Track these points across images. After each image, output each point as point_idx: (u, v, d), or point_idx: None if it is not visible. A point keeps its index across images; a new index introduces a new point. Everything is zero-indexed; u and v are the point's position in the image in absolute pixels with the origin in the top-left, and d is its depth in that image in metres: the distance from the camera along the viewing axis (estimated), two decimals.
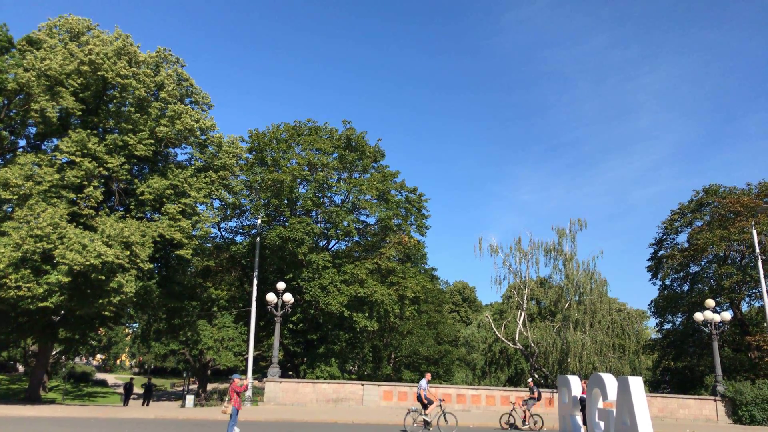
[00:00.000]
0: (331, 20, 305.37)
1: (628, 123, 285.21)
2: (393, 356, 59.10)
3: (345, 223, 39.33)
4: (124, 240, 25.38)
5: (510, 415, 22.92)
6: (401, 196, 42.33)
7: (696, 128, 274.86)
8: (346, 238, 43.47)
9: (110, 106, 30.27)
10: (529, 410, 22.77)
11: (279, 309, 31.45)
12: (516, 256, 46.24)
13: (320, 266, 36.87)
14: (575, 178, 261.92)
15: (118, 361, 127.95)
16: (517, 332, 46.35)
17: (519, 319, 46.47)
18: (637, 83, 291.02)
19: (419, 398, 20.86)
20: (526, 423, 22.50)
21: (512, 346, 48.77)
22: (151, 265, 29.18)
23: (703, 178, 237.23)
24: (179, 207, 29.35)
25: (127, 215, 29.76)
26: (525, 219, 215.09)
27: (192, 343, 41.38)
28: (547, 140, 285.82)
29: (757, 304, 45.31)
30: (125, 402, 39.87)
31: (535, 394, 23.31)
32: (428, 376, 21.99)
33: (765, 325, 35.55)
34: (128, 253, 25.52)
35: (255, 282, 35.51)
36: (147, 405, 37.42)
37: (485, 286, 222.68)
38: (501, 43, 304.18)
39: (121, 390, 67.61)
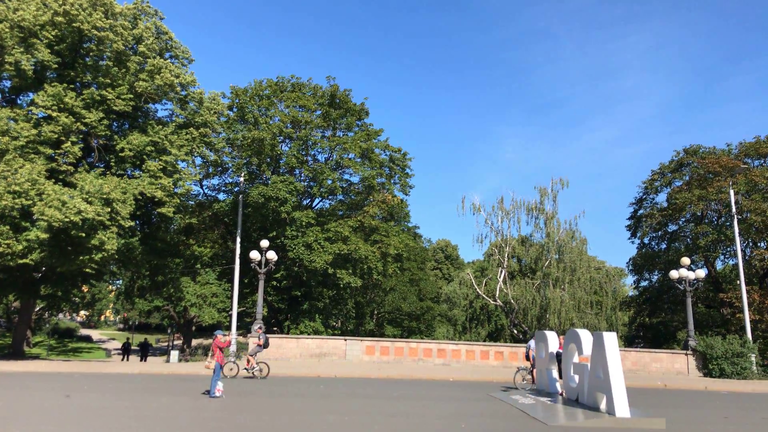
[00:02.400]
0: None
1: (612, 83, 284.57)
2: (376, 312, 60.08)
3: (329, 181, 39.25)
4: (105, 197, 25.15)
5: (234, 363, 22.48)
6: (385, 155, 42.22)
7: (680, 88, 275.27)
8: (330, 197, 43.49)
9: (87, 59, 29.48)
10: (254, 357, 22.20)
11: (263, 266, 31.59)
12: (498, 215, 46.78)
13: (304, 224, 36.99)
14: (559, 137, 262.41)
15: (102, 317, 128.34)
16: (498, 289, 47.21)
17: (500, 277, 47.26)
18: (623, 42, 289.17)
19: (527, 357, 21.31)
20: (251, 370, 21.95)
21: (492, 302, 49.73)
22: (132, 223, 29.02)
23: (685, 139, 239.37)
24: (160, 164, 29.05)
25: (107, 172, 29.40)
26: (508, 178, 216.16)
27: (176, 299, 41.66)
28: (531, 99, 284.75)
29: (731, 263, 46.48)
30: (125, 358, 42.06)
31: (261, 341, 22.43)
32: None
33: (738, 282, 36.54)
34: (109, 210, 25.33)
35: (238, 240, 35.57)
36: (145, 361, 39.50)
37: (467, 245, 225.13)
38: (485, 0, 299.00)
39: (106, 345, 68.44)
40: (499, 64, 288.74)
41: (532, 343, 21.35)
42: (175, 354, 32.63)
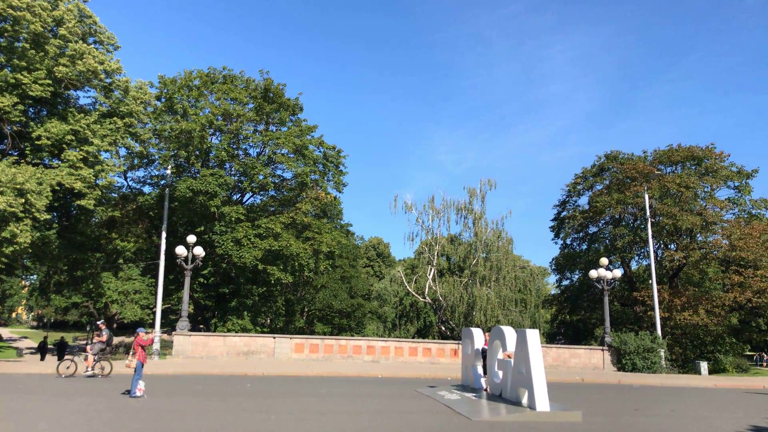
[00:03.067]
0: None
1: (541, 88, 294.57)
2: (306, 310, 59.68)
3: (261, 176, 38.60)
4: (18, 187, 23.71)
5: (72, 361, 20.74)
6: (319, 152, 41.94)
7: (603, 96, 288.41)
8: (261, 192, 42.81)
9: (1, 40, 27.67)
10: (95, 355, 20.49)
11: (189, 262, 30.82)
12: (429, 214, 47.52)
13: (233, 219, 36.23)
14: (489, 139, 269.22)
15: (14, 315, 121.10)
16: (427, 287, 47.96)
17: (429, 275, 48.03)
18: (552, 50, 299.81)
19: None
20: (90, 369, 20.27)
21: (422, 299, 50.50)
22: (48, 215, 27.47)
23: (607, 144, 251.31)
24: (81, 154, 27.67)
25: (22, 161, 27.71)
26: (440, 178, 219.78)
27: (96, 295, 39.89)
28: (464, 102, 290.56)
29: (644, 263, 49.28)
30: (42, 358, 40.07)
31: (104, 338, 20.89)
32: None
33: (650, 282, 38.80)
34: (23, 201, 23.90)
35: (163, 234, 34.43)
36: (62, 361, 37.73)
37: (399, 243, 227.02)
38: (422, 2, 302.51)
39: (17, 344, 64.54)
40: (434, 67, 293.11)
41: None
42: None
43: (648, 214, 39.18)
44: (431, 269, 47.80)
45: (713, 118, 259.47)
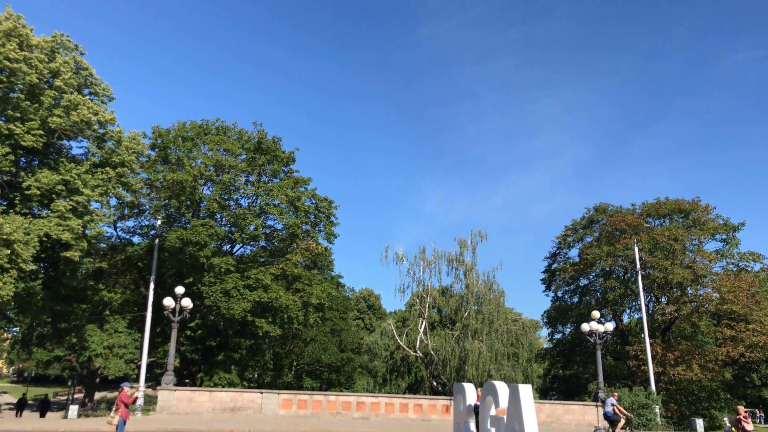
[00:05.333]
0: (245, 25, 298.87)
1: (529, 141, 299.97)
2: (295, 364, 58.51)
3: (251, 227, 38.49)
4: (5, 238, 23.42)
5: None
6: (311, 203, 42.03)
7: (590, 150, 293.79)
8: (251, 243, 42.61)
9: None
10: None
11: (177, 314, 30.29)
12: (420, 265, 47.33)
13: (223, 270, 35.88)
14: (479, 191, 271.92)
15: None
16: (418, 340, 47.30)
17: (420, 327, 47.46)
18: (539, 105, 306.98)
19: (606, 416, 22.10)
20: None
21: (413, 353, 49.70)
22: (34, 266, 27.05)
23: (596, 196, 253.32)
24: (71, 204, 27.48)
25: (10, 210, 27.49)
26: (430, 230, 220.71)
27: (79, 348, 38.95)
28: (454, 154, 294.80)
29: (636, 316, 48.97)
30: (18, 414, 39.26)
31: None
32: (615, 395, 22.98)
33: (642, 335, 38.48)
34: (8, 252, 23.57)
35: (152, 286, 33.98)
36: (44, 417, 37.16)
37: (390, 294, 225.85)
38: (414, 58, 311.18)
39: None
40: (425, 120, 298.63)
41: (611, 399, 22.18)
42: (74, 408, 30.14)
43: (638, 266, 39.24)
44: (422, 322, 47.27)
45: (699, 172, 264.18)
